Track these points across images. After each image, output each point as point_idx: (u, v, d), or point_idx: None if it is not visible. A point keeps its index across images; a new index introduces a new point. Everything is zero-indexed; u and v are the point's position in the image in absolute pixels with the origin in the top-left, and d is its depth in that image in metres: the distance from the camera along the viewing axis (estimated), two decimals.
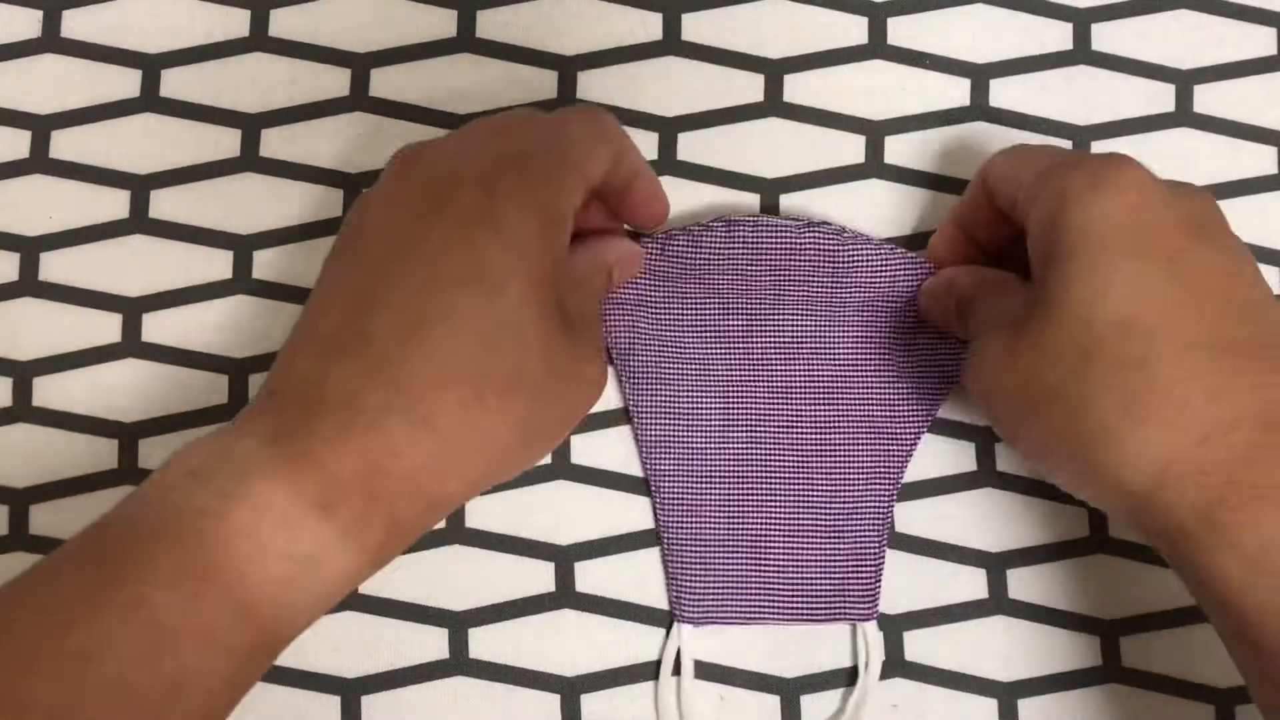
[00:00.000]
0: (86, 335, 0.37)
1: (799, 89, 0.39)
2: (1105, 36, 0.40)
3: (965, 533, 0.37)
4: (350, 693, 0.36)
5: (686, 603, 0.36)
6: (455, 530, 0.37)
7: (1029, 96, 0.39)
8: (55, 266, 0.38)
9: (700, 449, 0.37)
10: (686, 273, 0.37)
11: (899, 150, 0.39)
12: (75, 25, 0.39)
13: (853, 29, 0.39)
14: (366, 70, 0.39)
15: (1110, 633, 0.37)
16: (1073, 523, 0.37)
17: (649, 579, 0.37)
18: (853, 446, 0.37)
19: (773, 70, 0.39)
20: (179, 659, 0.24)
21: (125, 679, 0.24)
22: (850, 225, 0.38)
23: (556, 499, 0.37)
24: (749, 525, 0.37)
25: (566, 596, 0.37)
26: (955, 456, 0.37)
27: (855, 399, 0.37)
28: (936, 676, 0.37)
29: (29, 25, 0.39)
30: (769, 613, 0.36)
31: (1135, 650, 0.37)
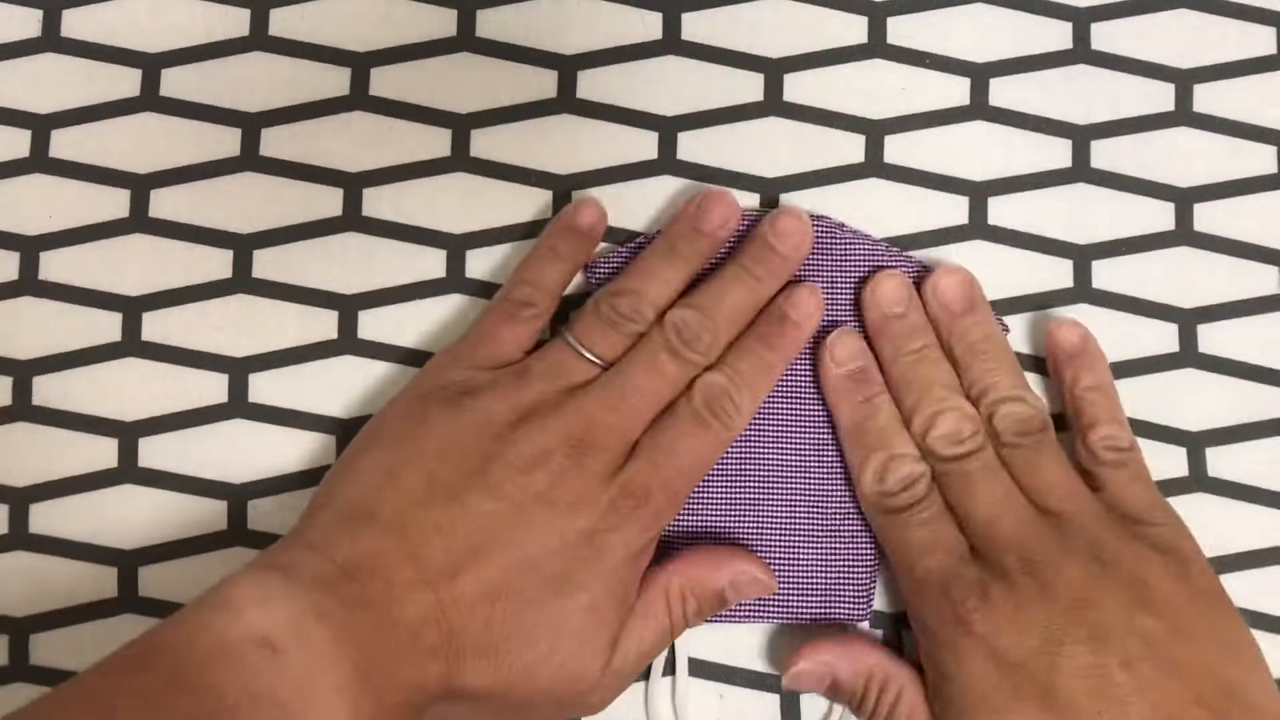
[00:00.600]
0: (86, 334, 0.37)
1: (799, 88, 0.39)
2: (1105, 36, 0.40)
3: None
4: None
5: None
6: None
7: (1029, 96, 0.39)
8: (55, 266, 0.38)
9: None
10: None
11: (899, 150, 0.39)
12: (75, 24, 0.39)
13: (853, 28, 0.39)
14: (366, 70, 0.39)
15: None
16: None
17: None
18: None
19: (773, 70, 0.39)
20: None
21: None
22: (849, 225, 0.38)
23: None
24: (744, 521, 0.37)
25: None
26: None
27: None
28: None
29: (29, 25, 0.39)
30: (763, 611, 0.36)
31: None
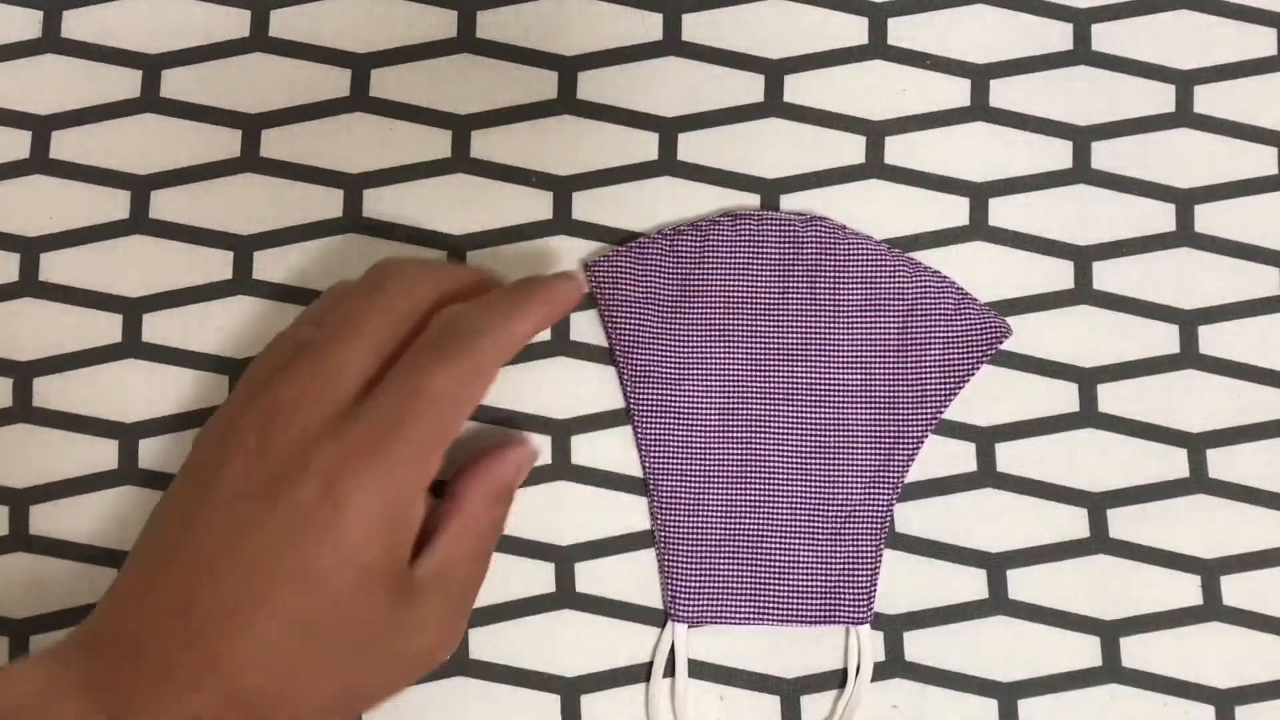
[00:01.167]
0: (86, 335, 0.37)
1: (799, 89, 0.39)
2: (1105, 37, 0.40)
3: (965, 533, 0.37)
4: None
5: (682, 601, 0.36)
6: None
7: (1029, 97, 0.39)
8: (55, 267, 0.38)
9: (699, 446, 0.37)
10: (692, 269, 0.37)
11: (899, 151, 0.39)
12: (75, 25, 0.39)
13: (853, 29, 0.39)
14: (367, 70, 0.39)
15: (1110, 633, 0.37)
16: (1073, 523, 0.37)
17: (649, 579, 0.37)
18: (853, 449, 0.37)
19: (773, 70, 0.39)
20: None
21: None
22: (850, 226, 0.38)
23: (556, 499, 0.37)
24: (746, 524, 0.37)
25: (566, 597, 0.37)
26: (955, 456, 0.37)
27: (857, 401, 0.37)
28: (936, 676, 0.37)
29: (29, 25, 0.39)
30: (763, 613, 0.36)
31: (1135, 650, 0.37)
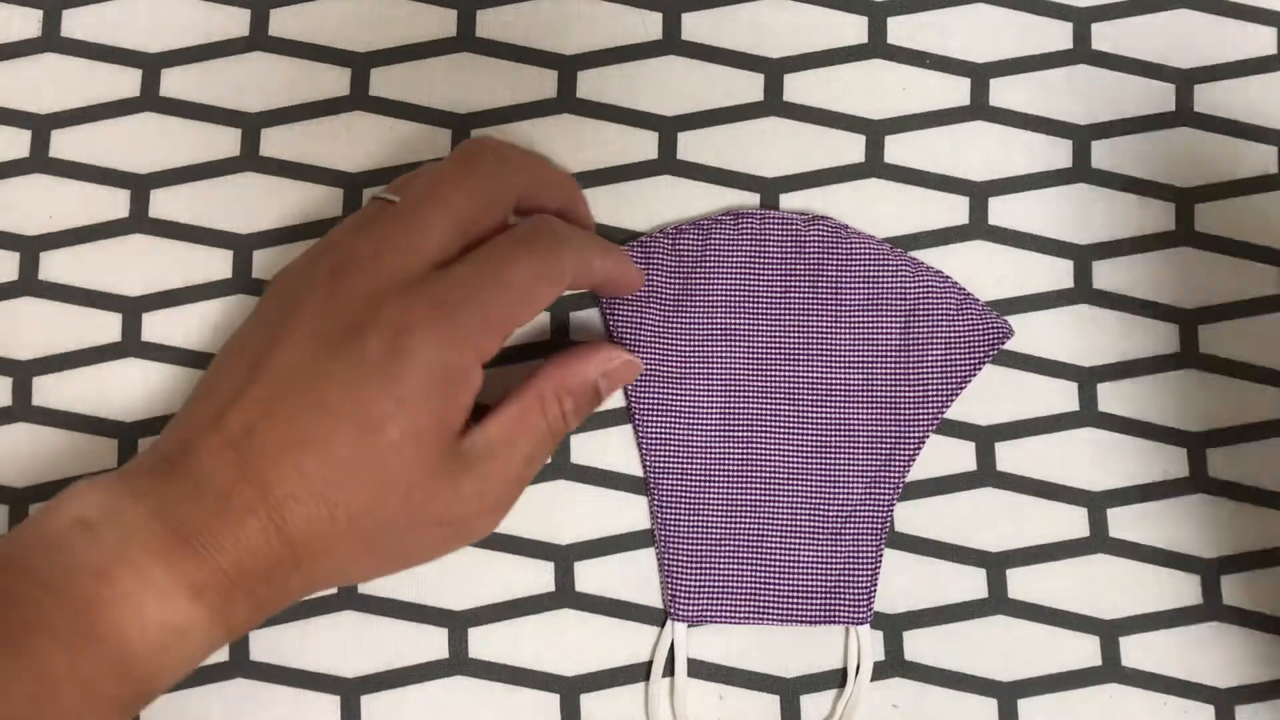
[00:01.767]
0: (86, 335, 0.37)
1: (799, 88, 0.39)
2: (1105, 36, 0.40)
3: (965, 533, 0.37)
4: (350, 692, 0.36)
5: (682, 600, 0.36)
6: None
7: (1029, 96, 0.39)
8: (55, 266, 0.38)
9: (700, 446, 0.37)
10: (694, 268, 0.37)
11: (899, 150, 0.39)
12: (75, 24, 0.39)
13: (852, 28, 0.39)
14: (366, 70, 0.39)
15: (1110, 632, 0.37)
16: (1073, 523, 0.37)
17: (649, 579, 0.37)
18: (855, 449, 0.37)
19: (773, 70, 0.39)
20: (60, 704, 0.27)
21: (10, 718, 0.26)
22: (850, 225, 0.38)
23: (556, 498, 0.37)
24: (746, 523, 0.37)
25: (566, 596, 0.37)
26: (955, 456, 0.37)
27: (859, 401, 0.37)
28: (936, 676, 0.37)
29: (29, 25, 0.39)
30: (763, 613, 0.36)
31: (1135, 650, 0.37)
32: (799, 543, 0.37)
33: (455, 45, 0.39)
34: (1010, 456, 0.37)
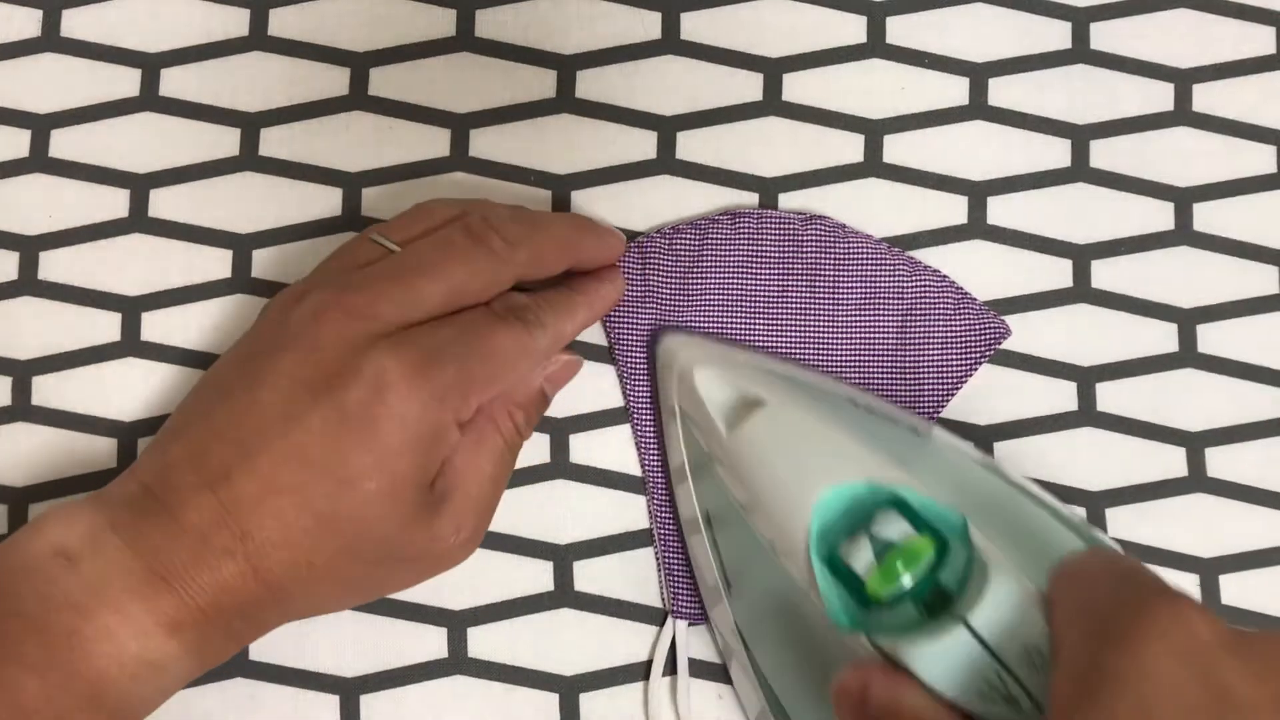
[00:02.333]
0: (86, 334, 0.37)
1: (798, 88, 0.39)
2: (1104, 35, 0.40)
3: None
4: (349, 692, 0.36)
5: (683, 599, 0.36)
6: None
7: (1028, 95, 0.39)
8: (55, 265, 0.38)
9: None
10: (692, 268, 0.37)
11: (898, 150, 0.39)
12: (75, 24, 0.39)
13: (851, 28, 0.39)
14: (366, 69, 0.39)
15: None
16: None
17: (648, 578, 0.37)
18: None
19: (771, 69, 0.39)
20: None
21: None
22: (849, 225, 0.38)
23: (555, 498, 0.37)
24: None
25: (565, 596, 0.37)
26: None
27: None
28: None
29: (29, 24, 0.39)
30: None
31: None
32: None
33: (454, 45, 0.39)
34: (1008, 455, 0.37)
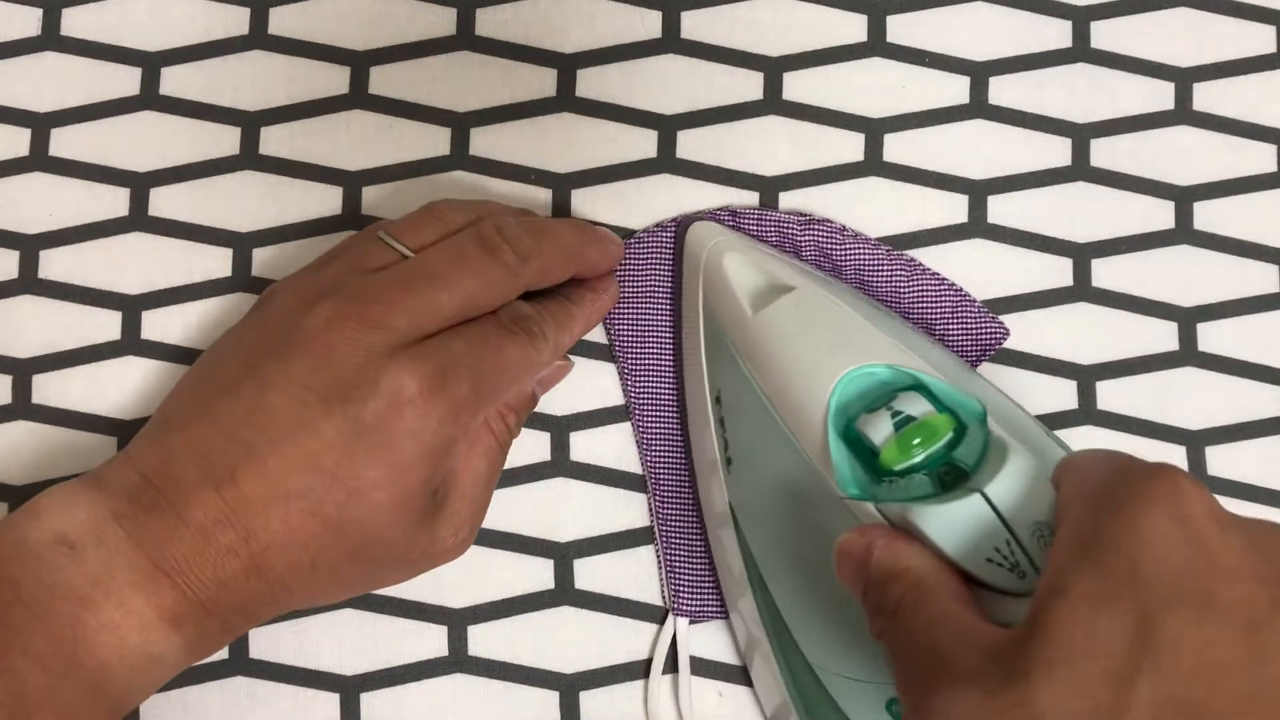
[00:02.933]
0: (86, 333, 0.37)
1: (798, 87, 0.39)
2: (1105, 34, 0.40)
3: None
4: (349, 690, 0.36)
5: (684, 596, 0.36)
6: None
7: (1028, 94, 0.39)
8: (55, 264, 0.38)
9: None
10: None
11: (898, 148, 0.39)
12: (75, 23, 0.39)
13: (852, 27, 0.39)
14: (366, 68, 0.39)
15: None
16: None
17: (648, 576, 0.37)
18: None
19: (772, 68, 0.39)
20: None
21: None
22: (849, 224, 0.38)
23: (556, 496, 0.37)
24: None
25: (565, 593, 0.37)
26: None
27: None
28: None
29: (29, 23, 0.39)
30: None
31: None
32: None
33: (454, 43, 0.39)
34: None
